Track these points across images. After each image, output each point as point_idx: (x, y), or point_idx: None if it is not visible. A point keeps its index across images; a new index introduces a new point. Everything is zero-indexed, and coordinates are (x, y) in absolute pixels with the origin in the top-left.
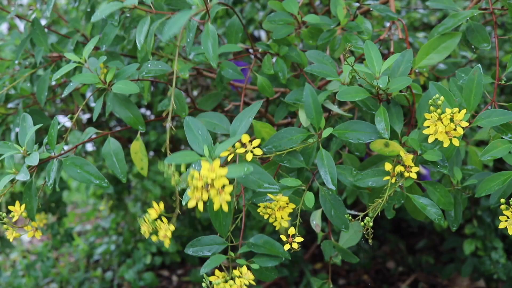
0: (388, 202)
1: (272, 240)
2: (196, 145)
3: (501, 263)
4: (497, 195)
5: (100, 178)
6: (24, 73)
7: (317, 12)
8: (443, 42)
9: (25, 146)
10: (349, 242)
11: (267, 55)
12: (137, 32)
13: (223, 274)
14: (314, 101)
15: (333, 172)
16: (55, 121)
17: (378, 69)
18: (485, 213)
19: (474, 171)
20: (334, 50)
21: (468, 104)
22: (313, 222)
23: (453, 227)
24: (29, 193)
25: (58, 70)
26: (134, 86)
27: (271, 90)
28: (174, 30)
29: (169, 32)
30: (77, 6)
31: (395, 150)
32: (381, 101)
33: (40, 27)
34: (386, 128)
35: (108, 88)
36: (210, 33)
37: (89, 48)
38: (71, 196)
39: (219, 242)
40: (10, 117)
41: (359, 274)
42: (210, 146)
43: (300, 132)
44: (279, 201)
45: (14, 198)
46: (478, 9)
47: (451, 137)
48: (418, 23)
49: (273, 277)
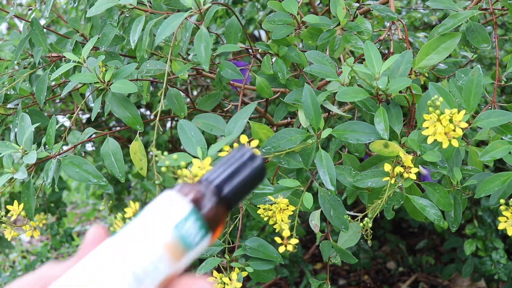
0: (388, 203)
1: (267, 244)
2: (190, 147)
3: (501, 263)
4: (497, 196)
5: (98, 177)
6: (23, 73)
7: (317, 12)
8: (443, 42)
9: (23, 145)
10: (348, 243)
11: (266, 55)
12: (132, 31)
13: (221, 275)
14: (313, 102)
15: (332, 173)
16: (53, 120)
17: (378, 70)
18: (486, 213)
19: (474, 172)
20: (334, 50)
21: (467, 105)
22: (312, 222)
23: (453, 227)
24: (27, 193)
25: (57, 70)
26: (133, 86)
27: (269, 91)
28: (166, 33)
29: (162, 34)
30: (76, 6)
31: (395, 150)
32: (381, 102)
33: (39, 27)
34: (386, 129)
35: (107, 88)
36: (202, 36)
37: (88, 48)
38: (70, 196)
39: (216, 243)
40: (9, 117)
41: (359, 274)
42: (203, 147)
43: (299, 132)
44: (279, 203)
45: (14, 198)
46: (479, 9)
47: (450, 138)
48: (418, 23)
49: (270, 278)
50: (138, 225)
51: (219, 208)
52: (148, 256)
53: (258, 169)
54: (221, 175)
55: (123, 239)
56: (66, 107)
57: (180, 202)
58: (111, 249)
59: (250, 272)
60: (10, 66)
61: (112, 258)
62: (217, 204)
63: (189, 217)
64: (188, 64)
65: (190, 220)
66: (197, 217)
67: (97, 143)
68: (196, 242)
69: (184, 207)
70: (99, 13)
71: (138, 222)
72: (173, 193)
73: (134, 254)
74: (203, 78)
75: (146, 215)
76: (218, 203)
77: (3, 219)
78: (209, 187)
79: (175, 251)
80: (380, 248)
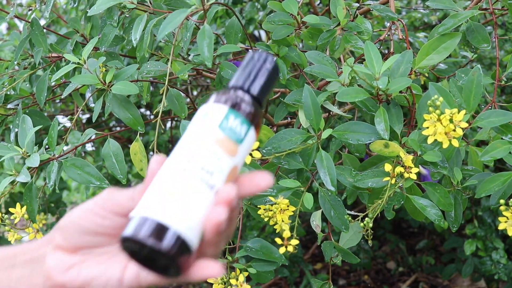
0: (388, 203)
1: (269, 245)
2: None
3: (502, 263)
4: (497, 196)
5: (100, 179)
6: (23, 74)
7: (317, 12)
8: (443, 42)
9: (25, 147)
10: (350, 243)
11: None
12: (133, 29)
13: (223, 276)
14: (313, 102)
15: (333, 173)
16: (55, 123)
17: (378, 70)
18: (486, 213)
19: (474, 172)
20: (334, 50)
21: (467, 105)
22: (313, 222)
23: (453, 227)
24: (29, 195)
25: (58, 71)
26: (134, 87)
27: None
28: (169, 29)
29: (164, 30)
30: (76, 6)
31: (395, 150)
32: (381, 102)
33: (39, 27)
34: (386, 129)
35: (107, 89)
36: (206, 33)
37: (89, 48)
38: (70, 196)
39: None
40: (9, 117)
41: (360, 274)
42: None
43: (299, 133)
44: (280, 203)
45: (14, 198)
46: (479, 9)
47: (450, 138)
48: (418, 23)
49: (270, 278)
50: (187, 136)
51: (252, 104)
52: (207, 153)
53: (273, 67)
54: (245, 79)
55: (179, 150)
56: (66, 107)
57: (217, 106)
58: (173, 161)
59: (253, 273)
60: (11, 66)
61: (177, 165)
62: (249, 100)
63: (229, 115)
64: (189, 65)
65: (231, 117)
66: (236, 114)
67: (97, 143)
68: (242, 136)
69: (222, 109)
70: (99, 13)
71: (186, 135)
72: (208, 103)
73: (194, 155)
74: (203, 78)
75: (191, 127)
76: (250, 100)
77: (6, 221)
78: (238, 90)
79: (227, 146)
80: (380, 248)
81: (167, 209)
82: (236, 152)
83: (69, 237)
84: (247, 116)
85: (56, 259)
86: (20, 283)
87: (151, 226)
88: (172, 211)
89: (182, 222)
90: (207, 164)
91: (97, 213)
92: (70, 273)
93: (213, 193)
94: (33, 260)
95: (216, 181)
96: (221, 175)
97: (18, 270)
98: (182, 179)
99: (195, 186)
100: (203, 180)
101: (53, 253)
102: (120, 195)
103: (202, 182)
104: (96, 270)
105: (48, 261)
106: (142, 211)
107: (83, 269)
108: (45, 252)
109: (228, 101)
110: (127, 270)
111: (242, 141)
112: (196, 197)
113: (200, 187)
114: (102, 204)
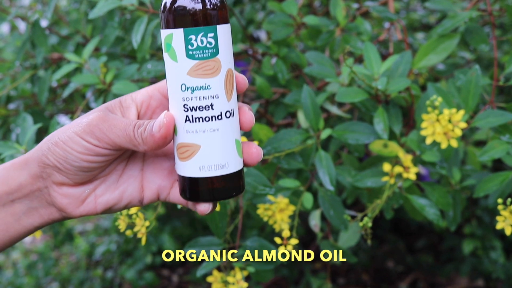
0: (387, 203)
1: (269, 245)
2: None
3: (500, 262)
4: (496, 195)
5: None
6: (25, 74)
7: (317, 13)
8: (441, 43)
9: (25, 145)
10: (348, 242)
11: (266, 56)
12: (134, 31)
13: (221, 275)
14: (312, 103)
15: (332, 173)
16: (54, 122)
17: (377, 71)
18: (484, 213)
19: (473, 171)
20: (334, 51)
21: (466, 105)
22: (312, 222)
23: (451, 227)
24: None
25: (59, 71)
26: (134, 87)
27: (269, 91)
28: None
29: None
30: (78, 8)
31: (394, 150)
32: (380, 102)
33: (40, 28)
34: (385, 129)
35: (108, 89)
36: None
37: (90, 49)
38: None
39: (216, 243)
40: (11, 118)
41: (359, 273)
42: None
43: (299, 133)
44: (279, 203)
45: None
46: (477, 10)
47: (449, 138)
48: (417, 24)
49: (269, 277)
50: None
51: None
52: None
53: None
54: None
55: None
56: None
57: (172, 33)
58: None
59: (252, 272)
60: (12, 67)
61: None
62: (194, 5)
63: (188, 37)
64: None
65: (191, 38)
66: (194, 31)
67: None
68: (213, 44)
69: (178, 34)
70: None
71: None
72: (162, 33)
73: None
74: None
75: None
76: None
77: None
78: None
79: (207, 68)
80: (379, 248)
81: None
82: (219, 65)
83: (71, 176)
84: (205, 21)
85: (66, 196)
86: (29, 216)
87: None
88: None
89: None
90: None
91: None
92: (87, 205)
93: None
94: (33, 194)
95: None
96: (220, 96)
97: (20, 204)
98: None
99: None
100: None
101: (59, 188)
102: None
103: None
104: (113, 195)
105: (58, 199)
106: None
107: (98, 197)
108: (44, 185)
109: (178, 22)
110: (145, 191)
111: (218, 50)
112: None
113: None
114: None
